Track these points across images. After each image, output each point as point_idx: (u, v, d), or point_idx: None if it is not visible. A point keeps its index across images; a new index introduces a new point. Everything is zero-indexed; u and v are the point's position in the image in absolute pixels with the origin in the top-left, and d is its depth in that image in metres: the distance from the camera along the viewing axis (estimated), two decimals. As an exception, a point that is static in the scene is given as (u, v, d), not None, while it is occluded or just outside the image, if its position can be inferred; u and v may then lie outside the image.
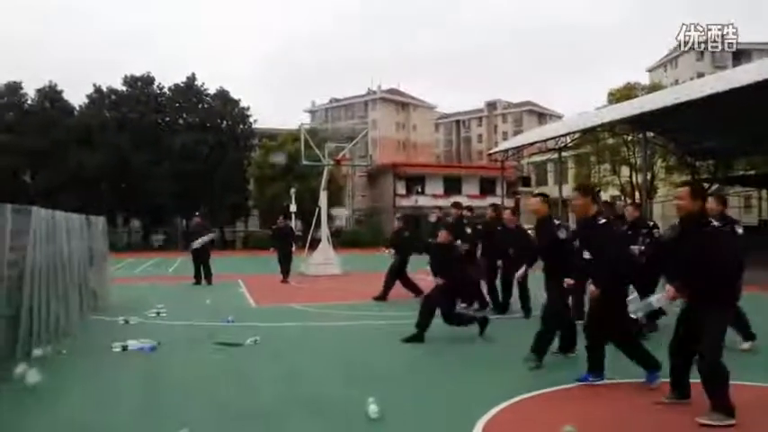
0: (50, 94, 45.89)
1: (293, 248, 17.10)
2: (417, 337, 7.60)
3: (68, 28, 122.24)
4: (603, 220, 5.71)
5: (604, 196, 43.84)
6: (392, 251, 12.67)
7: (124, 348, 7.35)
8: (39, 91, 45.86)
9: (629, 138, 34.16)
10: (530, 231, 9.79)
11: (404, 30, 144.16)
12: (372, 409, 4.57)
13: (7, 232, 6.21)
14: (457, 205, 11.40)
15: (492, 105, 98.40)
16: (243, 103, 49.24)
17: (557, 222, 6.76)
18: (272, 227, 18.63)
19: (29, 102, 45.88)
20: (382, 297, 12.08)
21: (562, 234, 6.44)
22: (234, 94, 49.14)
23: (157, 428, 4.54)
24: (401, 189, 50.99)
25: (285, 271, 16.44)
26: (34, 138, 42.12)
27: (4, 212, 6.30)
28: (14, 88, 45.43)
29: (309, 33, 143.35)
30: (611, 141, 35.91)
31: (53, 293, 7.61)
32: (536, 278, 7.46)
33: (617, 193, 41.04)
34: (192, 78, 48.45)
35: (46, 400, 5.25)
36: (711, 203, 6.05)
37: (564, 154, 31.56)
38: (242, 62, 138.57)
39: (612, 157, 38.60)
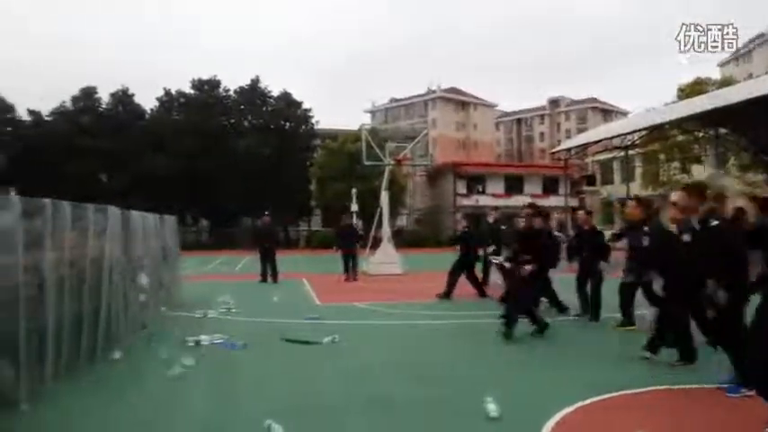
0: (123, 99, 47.98)
1: (357, 248, 17.25)
2: (542, 326, 7.65)
3: (139, 35, 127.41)
4: (716, 222, 5.34)
5: (674, 197, 42.40)
6: (458, 248, 12.74)
7: (197, 343, 7.66)
8: (112, 95, 48.04)
9: (700, 135, 32.78)
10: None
11: (464, 28, 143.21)
12: (491, 408, 4.61)
13: (90, 231, 6.57)
14: (532, 206, 10.96)
15: (555, 103, 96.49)
16: (305, 105, 50.20)
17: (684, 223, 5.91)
18: (337, 226, 18.65)
19: (103, 106, 48.08)
20: (446, 295, 12.13)
21: (687, 237, 5.72)
22: (296, 96, 50.18)
23: (237, 418, 4.72)
24: (462, 188, 50.66)
25: (348, 270, 16.62)
26: (109, 140, 44.21)
27: (87, 213, 6.67)
28: (90, 93, 47.73)
29: (368, 33, 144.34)
30: (680, 138, 34.55)
31: (130, 290, 8.00)
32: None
33: (687, 192, 39.50)
34: (256, 81, 49.68)
35: (128, 392, 5.55)
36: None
37: (630, 152, 30.63)
38: (303, 63, 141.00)
39: (682, 155, 37.14)
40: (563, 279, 10.33)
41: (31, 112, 47.05)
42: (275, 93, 50.01)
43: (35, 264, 5.23)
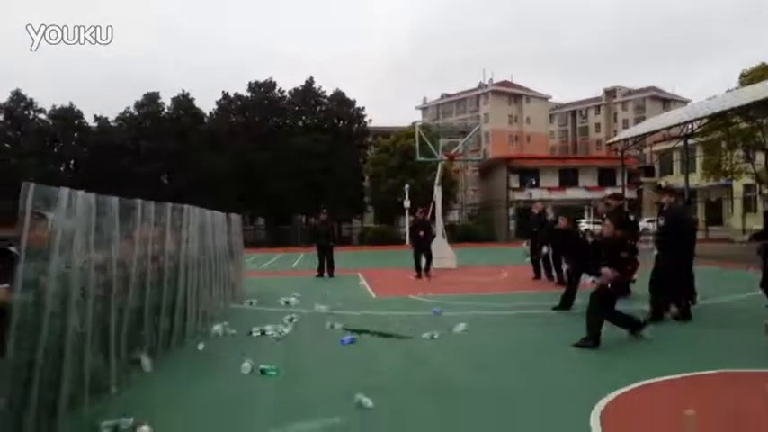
0: (183, 103, 49.69)
1: (431, 242, 16.81)
2: (638, 325, 7.30)
3: (199, 40, 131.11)
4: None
5: (737, 185, 40.92)
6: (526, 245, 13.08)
7: (263, 333, 8.17)
8: (173, 99, 49.84)
9: (765, 122, 31.60)
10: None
11: (516, 20, 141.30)
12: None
13: (169, 228, 7.12)
14: (617, 197, 10.34)
15: (611, 93, 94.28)
16: (358, 104, 50.82)
17: None
18: (416, 219, 17.92)
19: (165, 110, 49.94)
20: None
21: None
22: (348, 95, 50.85)
23: (325, 394, 5.13)
24: (514, 182, 50.23)
25: (419, 266, 16.06)
26: (170, 143, 45.96)
27: (165, 211, 7.21)
28: (153, 98, 49.66)
29: (419, 30, 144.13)
30: (743, 126, 33.36)
31: (203, 284, 8.56)
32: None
33: (751, 181, 38.08)
34: (310, 81, 50.58)
35: (209, 375, 6.05)
36: None
37: (691, 141, 29.82)
38: (355, 62, 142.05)
39: (745, 143, 35.84)
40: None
41: (98, 118, 49.34)
42: (328, 92, 50.88)
43: (123, 259, 5.75)
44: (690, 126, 26.42)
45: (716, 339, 7.32)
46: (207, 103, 51.88)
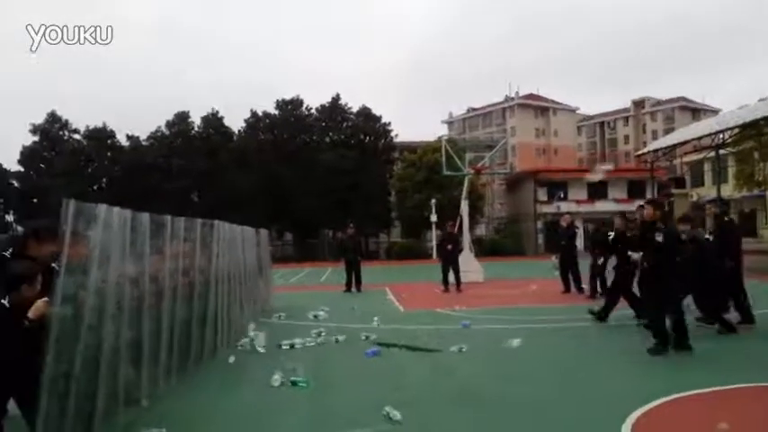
0: (213, 121, 50.58)
1: (458, 256, 16.79)
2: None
3: (227, 59, 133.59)
4: None
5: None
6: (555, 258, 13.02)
7: (291, 347, 8.24)
8: (203, 118, 50.76)
9: (800, 131, 30.90)
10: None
11: (541, 32, 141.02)
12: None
13: (199, 244, 7.27)
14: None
15: (639, 104, 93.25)
16: (384, 119, 51.14)
17: None
18: (444, 233, 18.00)
19: (195, 129, 50.87)
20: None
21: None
22: (374, 110, 51.20)
23: (354, 406, 5.17)
24: (542, 196, 49.83)
25: (447, 280, 16.08)
26: (199, 161, 46.77)
27: (194, 226, 7.37)
28: (183, 117, 50.66)
29: (445, 45, 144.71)
30: (777, 135, 32.66)
31: (233, 298, 8.69)
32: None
33: (786, 191, 37.26)
34: (336, 98, 51.10)
35: (238, 388, 6.14)
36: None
37: (722, 152, 29.30)
38: (380, 77, 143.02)
39: (780, 153, 35.07)
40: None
41: (129, 137, 50.48)
42: (355, 109, 51.29)
43: (156, 273, 5.88)
44: (721, 136, 25.99)
45: (758, 353, 7.19)
46: (235, 121, 52.73)
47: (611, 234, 10.65)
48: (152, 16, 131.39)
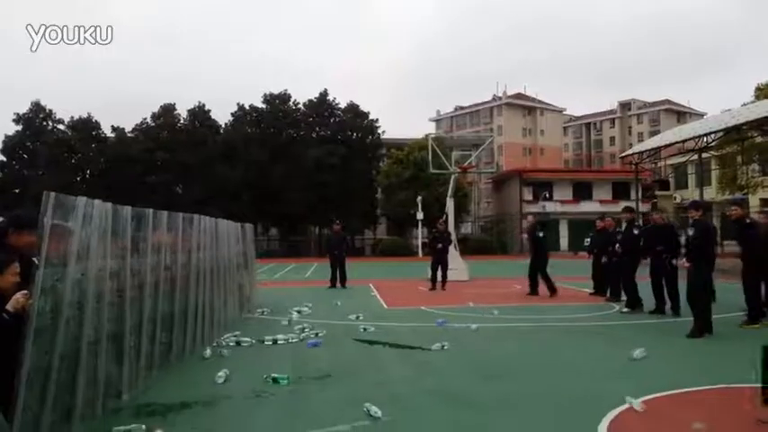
0: (199, 114, 50.25)
1: (448, 254, 16.79)
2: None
3: (219, 53, 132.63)
4: None
5: (753, 199, 40.48)
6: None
7: (274, 342, 8.23)
8: (189, 111, 50.40)
9: (781, 135, 31.32)
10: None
11: (530, 33, 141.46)
12: (635, 402, 4.92)
13: (181, 238, 7.21)
14: (741, 203, 10.50)
15: (626, 106, 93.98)
16: (371, 116, 51.08)
17: None
18: (433, 230, 18.07)
19: (181, 121, 50.48)
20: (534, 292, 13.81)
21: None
22: (362, 107, 51.14)
23: (335, 401, 5.19)
24: (528, 195, 50.14)
25: (435, 278, 16.12)
26: (185, 154, 46.44)
27: (177, 220, 7.31)
28: (169, 109, 50.26)
29: (433, 42, 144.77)
30: (759, 140, 33.12)
31: (216, 292, 8.65)
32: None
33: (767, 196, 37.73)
34: (324, 94, 50.95)
35: (219, 383, 6.12)
36: None
37: (706, 155, 29.63)
38: (368, 74, 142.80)
39: (762, 157, 35.53)
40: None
41: (115, 129, 49.98)
42: (342, 104, 51.19)
43: (138, 268, 5.83)
44: (704, 139, 26.30)
45: (735, 354, 7.28)
46: (222, 116, 52.48)
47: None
48: (143, 15, 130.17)
